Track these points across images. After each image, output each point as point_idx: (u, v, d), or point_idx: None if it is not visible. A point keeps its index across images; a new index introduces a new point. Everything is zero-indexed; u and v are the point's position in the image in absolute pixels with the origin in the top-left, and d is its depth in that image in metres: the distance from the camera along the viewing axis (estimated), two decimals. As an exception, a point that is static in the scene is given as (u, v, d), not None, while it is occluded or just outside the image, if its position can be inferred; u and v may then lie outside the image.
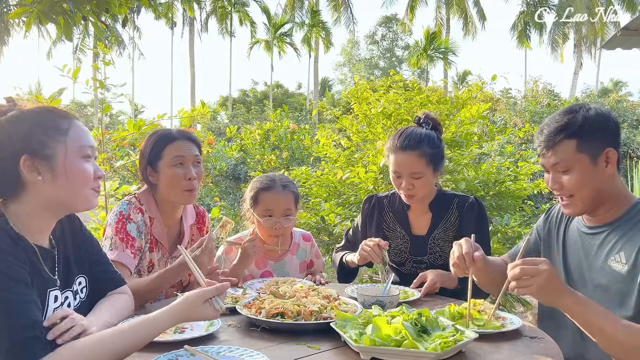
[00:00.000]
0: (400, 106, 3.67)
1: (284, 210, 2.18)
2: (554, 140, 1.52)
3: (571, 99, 22.45)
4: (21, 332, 1.10)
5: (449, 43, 33.80)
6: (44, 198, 1.27)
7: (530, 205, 3.95)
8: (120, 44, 36.04)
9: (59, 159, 1.27)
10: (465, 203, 2.20)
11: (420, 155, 2.07)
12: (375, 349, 1.26)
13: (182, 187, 1.96)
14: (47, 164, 1.26)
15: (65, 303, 1.36)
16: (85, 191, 1.32)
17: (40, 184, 1.26)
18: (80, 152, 1.31)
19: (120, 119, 38.78)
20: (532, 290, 1.34)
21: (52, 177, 1.26)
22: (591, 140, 1.50)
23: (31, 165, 1.25)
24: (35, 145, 1.25)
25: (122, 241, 1.88)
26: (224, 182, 9.16)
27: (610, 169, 1.51)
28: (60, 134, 1.28)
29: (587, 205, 1.55)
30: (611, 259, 1.50)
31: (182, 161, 1.97)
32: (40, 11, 2.98)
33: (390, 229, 2.29)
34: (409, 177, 2.09)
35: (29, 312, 1.14)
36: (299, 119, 19.68)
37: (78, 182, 1.30)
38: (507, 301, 3.46)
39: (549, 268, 1.34)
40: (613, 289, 1.48)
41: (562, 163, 1.52)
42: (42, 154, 1.26)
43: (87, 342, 1.17)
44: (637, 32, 4.59)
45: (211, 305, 1.27)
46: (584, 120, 1.50)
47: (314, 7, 37.47)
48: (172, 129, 2.10)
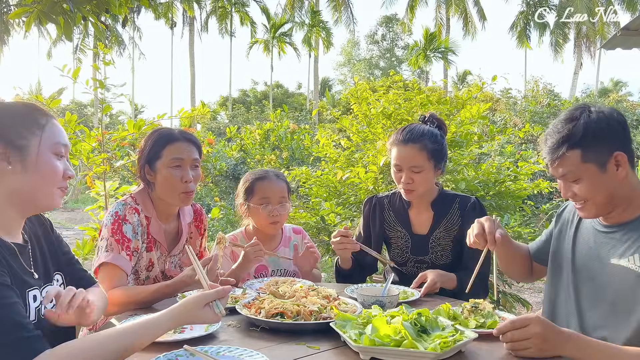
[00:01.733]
0: (400, 106, 3.67)
1: (279, 197, 2.27)
2: (557, 153, 1.47)
3: (571, 99, 22.45)
4: (12, 333, 1.09)
5: (449, 43, 33.80)
6: (7, 188, 1.26)
7: (530, 205, 3.95)
8: (120, 44, 36.03)
9: (31, 152, 1.27)
10: (467, 203, 2.20)
11: (421, 149, 2.09)
12: (375, 349, 1.26)
13: (178, 189, 1.96)
14: (19, 154, 1.25)
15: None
16: (51, 188, 1.31)
17: (8, 173, 1.25)
18: (53, 149, 1.31)
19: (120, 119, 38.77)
20: (533, 354, 1.29)
21: (21, 168, 1.26)
22: (596, 148, 1.44)
23: (3, 154, 1.24)
24: (11, 134, 1.25)
25: (118, 243, 1.87)
26: (224, 182, 9.16)
27: (622, 171, 1.45)
28: (37, 127, 1.29)
29: (602, 209, 1.51)
30: (624, 259, 1.46)
31: (180, 163, 1.97)
32: (40, 11, 2.98)
33: (392, 228, 2.29)
34: (409, 170, 2.10)
35: (16, 313, 1.13)
36: (299, 119, 19.69)
37: (47, 177, 1.29)
38: (507, 301, 3.45)
39: (540, 329, 1.29)
40: (622, 289, 1.45)
41: (570, 174, 1.48)
42: (16, 144, 1.25)
43: (85, 342, 1.16)
44: (637, 32, 4.58)
45: (211, 309, 1.27)
46: (586, 128, 1.44)
47: (314, 7, 37.46)
48: (173, 129, 2.09)
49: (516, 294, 3.66)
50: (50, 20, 3.04)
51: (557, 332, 1.31)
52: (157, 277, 2.06)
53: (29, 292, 1.27)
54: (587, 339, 1.34)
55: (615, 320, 1.46)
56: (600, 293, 1.51)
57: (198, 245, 2.25)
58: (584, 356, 1.30)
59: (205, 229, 2.30)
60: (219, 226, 6.17)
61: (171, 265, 2.11)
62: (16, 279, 1.22)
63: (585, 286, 1.58)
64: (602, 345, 1.32)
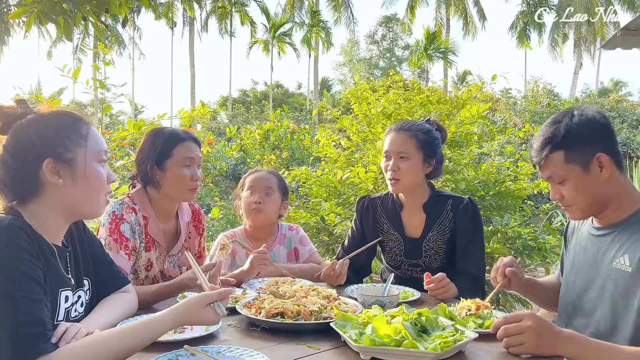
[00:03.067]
0: (400, 106, 3.67)
1: (265, 187, 2.34)
2: (541, 155, 1.53)
3: (571, 99, 22.47)
4: (25, 328, 1.10)
5: (449, 43, 33.79)
6: (59, 201, 1.29)
7: (530, 205, 3.95)
8: (120, 44, 36.03)
9: (79, 164, 1.30)
10: (459, 204, 2.15)
11: (412, 137, 2.10)
12: (375, 349, 1.26)
13: (188, 186, 2.02)
14: (68, 168, 1.28)
15: (79, 302, 1.38)
16: (99, 196, 1.35)
17: (59, 187, 1.27)
18: (97, 157, 1.34)
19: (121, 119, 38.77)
20: (529, 349, 1.29)
21: (72, 182, 1.29)
22: (578, 149, 1.49)
23: (54, 168, 1.26)
24: (59, 148, 1.27)
25: (116, 242, 1.89)
26: (224, 182, 9.16)
27: (605, 172, 1.48)
28: (81, 138, 1.31)
29: (587, 212, 1.55)
30: (616, 261, 1.47)
31: (191, 163, 2.03)
32: (40, 11, 2.98)
33: (385, 230, 2.26)
34: (396, 157, 2.10)
35: (37, 310, 1.14)
36: (299, 119, 19.70)
37: (95, 186, 1.33)
38: (507, 301, 3.45)
39: (533, 323, 1.29)
40: (617, 291, 1.46)
41: (555, 176, 1.53)
42: (65, 158, 1.28)
43: (87, 342, 1.16)
44: (637, 32, 4.58)
45: (212, 309, 1.27)
46: (567, 130, 1.49)
47: (314, 7, 37.46)
48: (177, 129, 2.13)
49: (516, 294, 3.66)
50: (50, 20, 3.04)
51: (552, 329, 1.31)
52: (156, 277, 2.07)
53: (61, 292, 1.30)
54: (588, 338, 1.34)
55: (615, 322, 1.46)
56: (598, 296, 1.52)
57: (197, 245, 2.26)
58: (584, 356, 1.30)
59: (204, 229, 2.31)
60: (219, 226, 6.16)
61: (170, 265, 2.12)
62: (51, 278, 1.25)
63: (584, 289, 1.59)
64: (603, 345, 1.32)
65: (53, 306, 1.26)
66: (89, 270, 1.47)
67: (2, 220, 1.20)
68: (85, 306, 1.42)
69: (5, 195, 1.28)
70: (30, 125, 1.27)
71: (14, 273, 1.14)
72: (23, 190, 1.27)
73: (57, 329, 1.19)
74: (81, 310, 1.40)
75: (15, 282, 1.13)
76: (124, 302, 1.53)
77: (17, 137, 1.27)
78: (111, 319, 1.42)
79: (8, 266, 1.14)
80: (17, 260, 1.15)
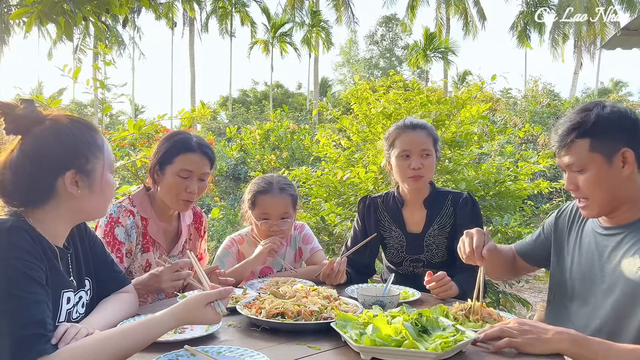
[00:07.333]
0: (400, 106, 3.67)
1: (281, 213, 2.21)
2: (566, 140, 1.49)
3: (571, 99, 22.44)
4: (25, 329, 1.11)
5: (449, 43, 33.77)
6: (70, 208, 1.31)
7: (530, 205, 3.95)
8: (120, 44, 36.04)
9: (97, 174, 1.32)
10: (459, 199, 2.22)
11: (429, 134, 2.18)
12: (376, 349, 1.26)
13: (180, 196, 1.99)
14: (87, 179, 1.30)
15: (80, 303, 1.39)
16: (109, 203, 1.40)
17: (75, 196, 1.29)
18: (110, 167, 1.38)
19: (121, 119, 38.80)
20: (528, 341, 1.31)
21: (89, 192, 1.31)
22: (605, 139, 1.45)
23: (72, 178, 1.28)
24: (81, 160, 1.29)
25: (108, 245, 1.92)
26: (224, 182, 9.16)
27: (627, 169, 1.45)
28: (99, 150, 1.34)
29: (604, 208, 1.51)
30: (625, 261, 1.45)
31: (189, 175, 1.98)
32: (40, 12, 2.98)
33: (386, 228, 2.29)
34: (418, 154, 2.14)
35: (38, 311, 1.14)
36: (299, 119, 19.70)
37: (108, 195, 1.37)
38: (507, 301, 3.45)
39: (515, 321, 1.36)
40: (625, 292, 1.44)
41: (576, 163, 1.49)
42: (85, 169, 1.30)
43: (87, 342, 1.16)
44: (637, 32, 4.58)
45: (213, 309, 1.27)
46: (597, 118, 1.46)
47: (314, 7, 37.45)
48: (192, 137, 2.04)
49: (516, 293, 3.66)
50: (50, 20, 3.04)
51: (537, 325, 1.35)
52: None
53: (63, 293, 1.31)
54: (588, 337, 1.34)
55: (619, 320, 1.45)
56: (603, 294, 1.51)
57: (198, 247, 2.28)
58: (585, 354, 1.30)
59: (205, 231, 2.32)
60: (219, 226, 6.16)
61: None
62: (53, 280, 1.25)
63: (588, 288, 1.58)
64: (604, 344, 1.32)
65: (55, 307, 1.26)
66: (90, 271, 1.48)
67: (4, 222, 1.21)
68: (86, 306, 1.43)
69: (12, 199, 1.27)
70: (52, 134, 1.27)
71: (15, 274, 1.14)
72: (34, 195, 1.27)
73: (57, 330, 1.19)
74: (82, 310, 1.40)
75: (16, 282, 1.13)
76: (124, 303, 1.53)
77: (39, 144, 1.26)
78: (111, 319, 1.42)
79: (9, 267, 1.14)
80: (18, 261, 1.15)
